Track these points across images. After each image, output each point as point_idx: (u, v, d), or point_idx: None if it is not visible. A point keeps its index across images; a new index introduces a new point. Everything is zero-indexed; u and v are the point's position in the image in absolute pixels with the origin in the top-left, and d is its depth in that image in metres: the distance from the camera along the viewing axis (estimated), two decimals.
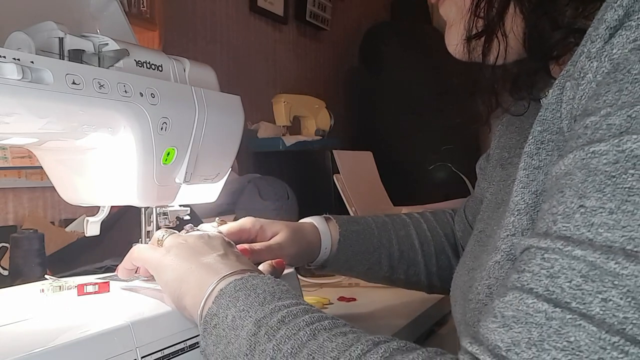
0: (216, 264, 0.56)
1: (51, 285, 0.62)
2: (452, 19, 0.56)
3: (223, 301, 0.50)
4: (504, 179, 0.66)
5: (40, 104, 0.49)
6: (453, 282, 0.66)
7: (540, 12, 0.49)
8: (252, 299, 0.49)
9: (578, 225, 0.35)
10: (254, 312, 0.48)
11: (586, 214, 0.35)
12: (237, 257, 0.59)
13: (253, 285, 0.51)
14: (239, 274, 0.53)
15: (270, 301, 0.49)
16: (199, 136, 0.66)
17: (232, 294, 0.50)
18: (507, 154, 0.68)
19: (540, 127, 0.47)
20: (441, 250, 0.88)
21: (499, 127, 0.72)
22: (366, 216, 0.89)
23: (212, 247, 0.60)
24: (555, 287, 0.35)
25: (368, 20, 2.43)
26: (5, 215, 1.06)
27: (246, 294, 0.50)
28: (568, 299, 0.34)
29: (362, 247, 0.83)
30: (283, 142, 1.59)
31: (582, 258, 0.34)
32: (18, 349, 0.42)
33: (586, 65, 0.40)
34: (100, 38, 0.59)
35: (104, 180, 0.62)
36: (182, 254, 0.58)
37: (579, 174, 0.37)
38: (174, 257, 0.58)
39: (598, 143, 0.36)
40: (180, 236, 0.63)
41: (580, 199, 0.36)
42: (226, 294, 0.51)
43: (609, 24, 0.39)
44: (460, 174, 2.05)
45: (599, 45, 0.40)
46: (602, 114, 0.37)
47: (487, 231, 0.63)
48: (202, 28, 1.61)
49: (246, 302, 0.49)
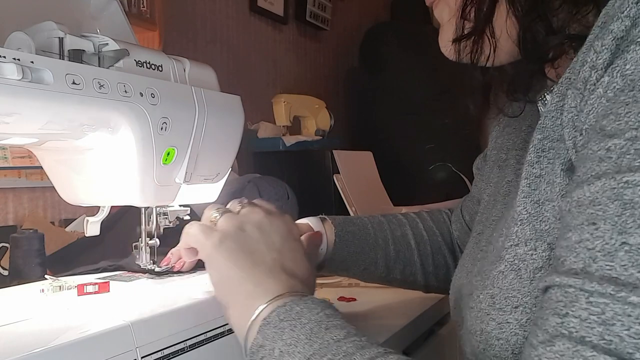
0: (264, 280, 0.54)
1: (51, 285, 0.62)
2: (444, 20, 0.57)
3: (268, 332, 0.49)
4: (500, 180, 0.66)
5: (40, 104, 0.49)
6: (452, 285, 0.66)
7: (533, 14, 0.49)
8: (298, 330, 0.48)
9: (625, 265, 0.33)
10: (301, 348, 0.46)
11: (632, 252, 0.33)
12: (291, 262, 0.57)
13: (298, 314, 0.49)
14: (283, 299, 0.51)
15: (317, 333, 0.47)
16: (199, 136, 0.66)
17: (277, 324, 0.49)
18: (504, 155, 0.68)
19: (540, 135, 0.47)
20: (438, 250, 0.88)
21: (496, 128, 0.73)
22: (362, 216, 0.89)
23: (268, 245, 0.57)
24: (613, 336, 0.33)
25: (368, 20, 2.43)
26: (5, 215, 1.06)
27: (291, 325, 0.48)
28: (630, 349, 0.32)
29: (358, 247, 0.83)
30: (283, 142, 1.59)
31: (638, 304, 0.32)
32: (18, 349, 0.42)
33: (592, 77, 0.39)
34: (100, 38, 0.59)
35: (104, 180, 0.62)
36: (234, 251, 0.56)
37: (612, 206, 0.35)
38: (226, 254, 0.55)
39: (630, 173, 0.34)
40: (235, 218, 0.59)
41: (621, 234, 0.34)
42: (271, 324, 0.49)
43: (615, 34, 0.38)
44: (461, 174, 2.05)
45: (605, 56, 0.39)
46: (628, 137, 0.35)
47: (485, 233, 0.63)
48: (202, 28, 1.61)
49: (292, 335, 0.47)
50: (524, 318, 0.46)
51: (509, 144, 0.68)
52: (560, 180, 0.44)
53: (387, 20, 2.61)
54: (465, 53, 0.54)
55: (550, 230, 0.45)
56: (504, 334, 0.48)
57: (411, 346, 0.88)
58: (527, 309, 0.46)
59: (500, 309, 0.48)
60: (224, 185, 0.76)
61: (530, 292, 0.46)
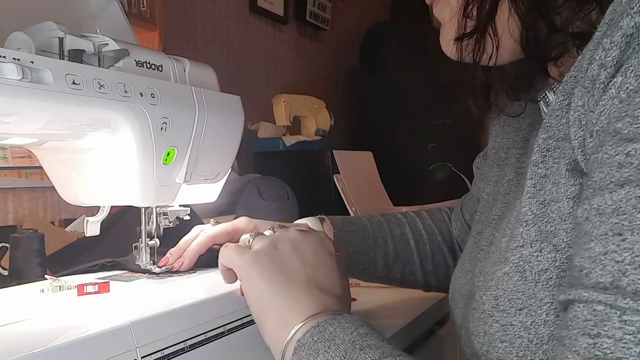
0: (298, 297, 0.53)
1: (51, 285, 0.62)
2: (445, 19, 0.56)
3: (303, 354, 0.48)
4: (499, 179, 0.66)
5: (40, 104, 0.49)
6: (452, 285, 0.66)
7: (536, 13, 0.48)
8: (333, 352, 0.47)
9: None
10: None
11: None
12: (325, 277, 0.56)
13: (331, 335, 0.48)
14: (317, 318, 0.51)
15: (351, 354, 0.46)
16: (199, 136, 0.66)
17: (311, 345, 0.48)
18: (504, 154, 0.67)
19: (545, 135, 0.46)
20: (437, 249, 0.88)
21: (495, 127, 0.72)
22: (361, 216, 0.89)
23: (301, 260, 0.56)
24: None
25: (368, 20, 2.43)
26: (5, 215, 1.06)
27: (325, 347, 0.48)
28: None
29: (357, 247, 0.83)
30: (283, 142, 1.59)
31: None
32: (18, 349, 0.42)
33: (601, 75, 0.39)
34: (100, 38, 0.59)
35: (104, 180, 0.62)
36: (268, 267, 0.55)
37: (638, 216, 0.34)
38: (260, 269, 0.55)
39: None
40: (268, 238, 0.59)
41: None
42: (305, 345, 0.49)
43: (625, 31, 0.37)
44: (460, 174, 2.05)
45: (614, 54, 0.38)
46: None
47: (484, 233, 0.63)
48: (202, 28, 1.61)
49: (326, 357, 0.47)
50: (529, 320, 0.46)
51: (508, 143, 0.67)
52: (565, 181, 0.44)
53: (387, 20, 2.61)
54: (467, 52, 0.54)
55: (556, 231, 0.45)
56: (508, 336, 0.47)
57: (411, 346, 0.88)
58: (531, 312, 0.46)
59: (504, 310, 0.48)
60: (224, 185, 0.76)
61: (535, 294, 0.46)
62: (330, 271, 0.57)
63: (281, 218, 0.83)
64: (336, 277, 0.58)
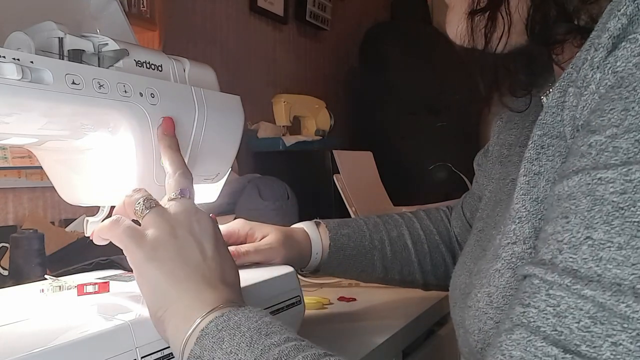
0: (201, 292, 0.51)
1: (51, 285, 0.62)
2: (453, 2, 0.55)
3: (206, 343, 0.47)
4: (503, 177, 0.65)
5: (40, 104, 0.49)
6: (452, 283, 0.66)
7: None
8: (238, 339, 0.46)
9: (586, 258, 0.34)
10: (242, 355, 0.45)
11: (594, 246, 0.34)
12: (225, 271, 0.54)
13: (236, 323, 0.47)
14: (221, 310, 0.49)
15: (257, 340, 0.46)
16: (198, 136, 0.66)
17: (215, 334, 0.47)
18: (507, 151, 0.67)
19: (540, 131, 0.47)
20: (435, 249, 0.88)
21: (498, 123, 0.72)
22: (357, 218, 0.89)
23: (202, 252, 0.54)
24: (564, 328, 0.34)
25: (368, 20, 2.43)
26: (5, 215, 1.06)
27: (231, 334, 0.47)
28: (577, 342, 0.33)
29: (354, 250, 0.83)
30: (283, 142, 1.59)
31: (590, 298, 0.33)
32: (18, 349, 0.42)
33: (589, 75, 0.39)
34: (100, 38, 0.59)
35: (103, 180, 0.62)
36: (169, 261, 0.52)
37: (584, 201, 0.36)
38: (160, 264, 0.52)
39: (605, 170, 0.35)
40: (164, 219, 0.54)
41: (587, 229, 0.35)
42: (209, 334, 0.47)
43: (612, 33, 0.38)
44: (461, 174, 2.05)
45: (601, 54, 0.39)
46: (608, 135, 0.36)
47: (486, 230, 0.63)
48: (202, 28, 1.61)
49: (232, 343, 0.46)
50: None
51: (511, 140, 0.67)
52: None
53: (387, 20, 2.60)
54: (479, 29, 0.53)
55: None
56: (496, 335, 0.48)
57: (411, 346, 0.88)
58: None
59: (498, 307, 0.48)
60: (224, 185, 0.76)
61: None
62: (229, 263, 0.56)
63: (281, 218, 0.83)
64: (234, 269, 0.56)
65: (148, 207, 0.55)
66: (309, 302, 0.83)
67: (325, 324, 0.83)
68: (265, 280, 0.67)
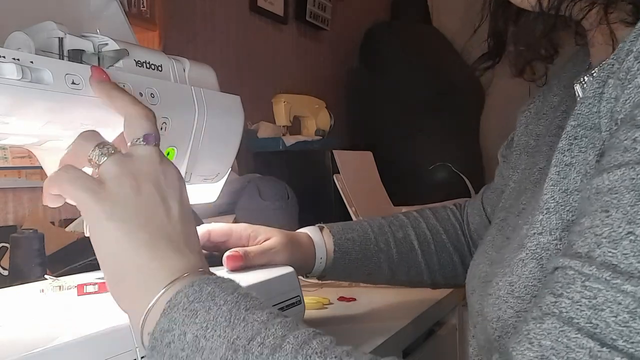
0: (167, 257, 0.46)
1: (51, 285, 0.62)
2: None
3: (177, 315, 0.42)
4: (529, 167, 0.64)
5: (40, 104, 0.49)
6: (470, 271, 0.65)
7: None
8: (215, 312, 0.42)
9: (627, 253, 0.34)
10: (222, 331, 0.41)
11: (636, 242, 0.34)
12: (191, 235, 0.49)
13: (210, 295, 0.43)
14: (189, 278, 0.45)
15: (237, 315, 0.42)
16: (198, 136, 0.66)
17: (187, 306, 0.42)
18: (534, 142, 0.66)
19: (574, 122, 0.46)
20: (442, 248, 0.87)
21: (526, 114, 0.71)
22: (362, 220, 0.88)
23: (168, 213, 0.48)
24: (599, 321, 0.33)
25: (368, 20, 2.43)
26: (5, 215, 1.06)
27: (206, 307, 0.42)
28: (614, 336, 0.33)
29: (360, 254, 0.82)
30: (283, 142, 1.59)
31: (631, 293, 0.33)
32: (18, 349, 0.42)
33: (634, 67, 0.39)
34: (100, 38, 0.59)
35: None
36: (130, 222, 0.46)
37: (627, 195, 0.35)
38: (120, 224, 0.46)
39: None
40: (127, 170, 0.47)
41: (629, 224, 0.34)
42: (179, 306, 0.43)
43: None
44: (460, 174, 2.05)
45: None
46: None
47: (509, 219, 0.62)
48: (202, 28, 1.61)
49: (207, 318, 0.42)
50: None
51: (539, 130, 0.66)
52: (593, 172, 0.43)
53: (387, 20, 2.61)
54: None
55: None
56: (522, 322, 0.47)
57: (411, 346, 0.88)
58: None
59: (519, 297, 0.48)
60: (224, 185, 0.76)
61: None
62: (193, 225, 0.50)
63: (281, 218, 0.83)
64: (196, 233, 0.51)
65: (105, 153, 0.48)
66: (309, 302, 0.83)
67: (325, 324, 0.83)
68: (265, 280, 0.67)
